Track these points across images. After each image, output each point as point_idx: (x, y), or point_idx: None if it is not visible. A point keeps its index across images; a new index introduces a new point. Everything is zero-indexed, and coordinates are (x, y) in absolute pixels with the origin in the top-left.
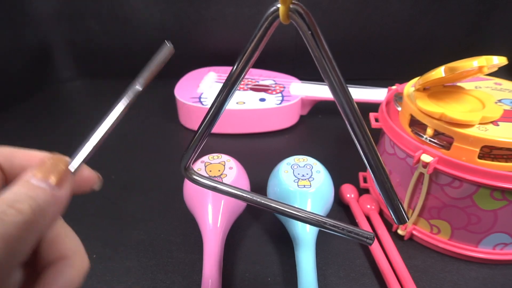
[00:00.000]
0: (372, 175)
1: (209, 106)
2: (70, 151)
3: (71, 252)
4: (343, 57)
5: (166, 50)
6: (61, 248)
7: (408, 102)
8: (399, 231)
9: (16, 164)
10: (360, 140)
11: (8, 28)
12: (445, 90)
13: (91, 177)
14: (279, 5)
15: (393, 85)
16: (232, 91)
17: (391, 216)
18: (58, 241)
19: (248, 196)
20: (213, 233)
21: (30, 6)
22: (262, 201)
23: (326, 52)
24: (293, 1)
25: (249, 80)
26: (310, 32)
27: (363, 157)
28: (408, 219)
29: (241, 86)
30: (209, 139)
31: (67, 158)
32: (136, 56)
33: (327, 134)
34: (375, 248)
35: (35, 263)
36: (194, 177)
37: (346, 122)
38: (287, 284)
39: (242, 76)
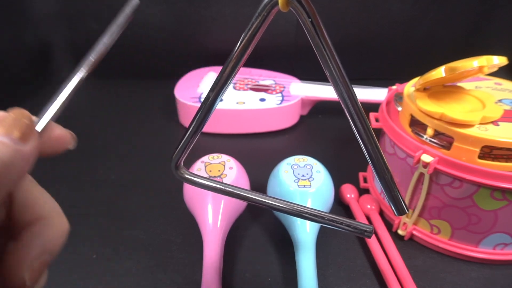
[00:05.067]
0: (371, 164)
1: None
2: (70, 150)
3: (48, 213)
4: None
5: (132, 4)
6: (36, 210)
7: (408, 102)
8: (399, 231)
9: None
10: (357, 125)
11: (8, 28)
12: (445, 90)
13: (63, 136)
14: None
15: (393, 85)
16: (225, 87)
17: (391, 207)
18: (32, 202)
19: (244, 194)
20: (213, 233)
21: (30, 6)
22: (260, 198)
23: (326, 40)
24: None
25: (249, 80)
26: (310, 20)
27: (361, 143)
28: (408, 210)
29: (241, 86)
30: (209, 139)
31: (29, 113)
32: (136, 56)
33: (327, 134)
34: (375, 248)
35: (10, 230)
36: (186, 176)
37: (344, 107)
38: (287, 284)
39: (235, 71)
